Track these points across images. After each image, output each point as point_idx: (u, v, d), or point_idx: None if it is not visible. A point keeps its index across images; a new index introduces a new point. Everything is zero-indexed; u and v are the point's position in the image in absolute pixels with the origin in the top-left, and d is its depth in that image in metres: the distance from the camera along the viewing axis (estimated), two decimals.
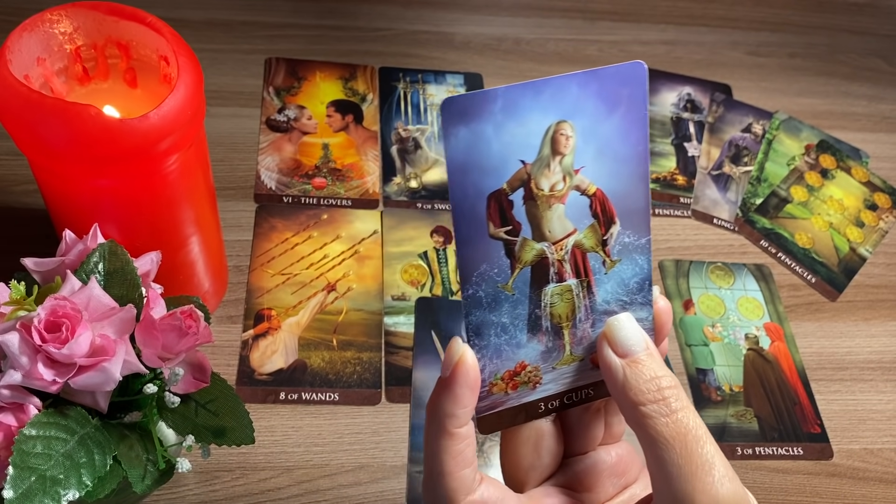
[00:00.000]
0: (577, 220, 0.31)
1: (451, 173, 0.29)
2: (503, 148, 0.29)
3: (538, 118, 0.29)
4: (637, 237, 0.32)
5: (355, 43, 0.79)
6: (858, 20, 0.94)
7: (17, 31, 0.44)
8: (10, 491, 0.34)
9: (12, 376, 0.36)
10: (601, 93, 0.29)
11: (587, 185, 0.31)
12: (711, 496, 0.28)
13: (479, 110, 0.28)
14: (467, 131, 0.28)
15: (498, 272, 0.31)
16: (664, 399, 0.30)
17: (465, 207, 0.29)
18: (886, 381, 0.64)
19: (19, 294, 0.38)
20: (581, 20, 0.87)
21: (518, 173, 0.29)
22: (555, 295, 0.32)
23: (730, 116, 0.80)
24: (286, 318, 0.59)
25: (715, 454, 0.29)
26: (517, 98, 0.28)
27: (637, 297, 0.33)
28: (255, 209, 0.65)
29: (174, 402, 0.40)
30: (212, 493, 0.51)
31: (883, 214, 0.75)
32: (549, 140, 0.29)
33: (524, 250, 0.31)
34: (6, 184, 0.63)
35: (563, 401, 0.34)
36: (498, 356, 0.32)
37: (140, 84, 0.49)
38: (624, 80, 0.29)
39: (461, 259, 0.30)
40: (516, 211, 0.30)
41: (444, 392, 0.30)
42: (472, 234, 0.30)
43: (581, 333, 0.32)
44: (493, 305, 0.31)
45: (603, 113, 0.29)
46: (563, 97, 0.29)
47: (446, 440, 0.30)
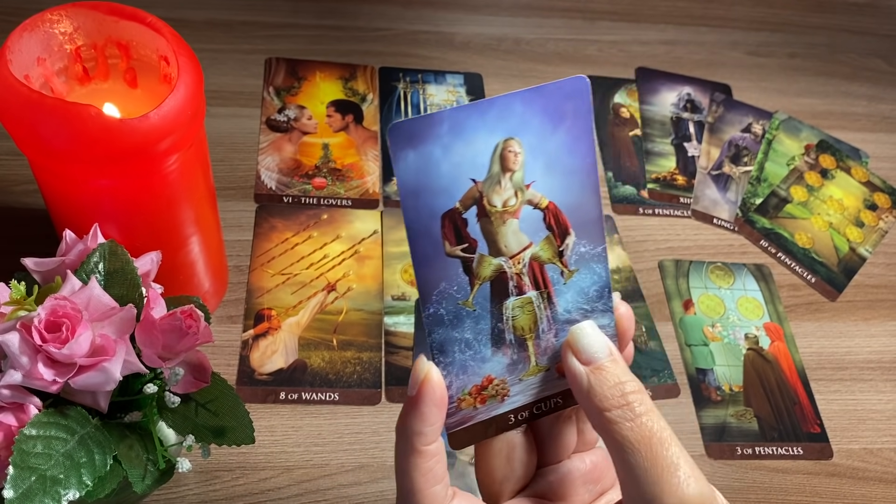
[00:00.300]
0: (532, 234, 0.32)
1: (404, 196, 0.29)
2: (453, 168, 0.29)
3: (485, 137, 0.29)
4: (593, 246, 0.32)
5: (355, 43, 0.79)
6: (858, 20, 0.94)
7: (17, 31, 0.44)
8: (11, 491, 0.34)
9: (12, 376, 0.36)
10: (546, 109, 0.30)
11: (539, 199, 0.31)
12: (678, 497, 0.28)
13: (426, 133, 0.28)
14: (416, 154, 0.29)
15: (457, 289, 0.31)
16: (628, 404, 0.30)
17: (420, 228, 0.30)
18: (886, 381, 0.64)
19: (19, 294, 0.38)
20: (581, 20, 0.87)
21: (470, 192, 0.30)
22: (516, 308, 0.32)
23: (730, 116, 0.80)
24: (286, 318, 0.59)
25: (680, 455, 0.29)
26: (463, 119, 0.29)
27: (598, 305, 0.33)
28: (255, 209, 0.65)
29: (174, 402, 0.40)
30: (212, 493, 0.51)
31: (883, 214, 0.75)
32: (498, 157, 0.30)
33: (482, 266, 0.31)
34: (6, 184, 0.63)
35: (532, 411, 0.34)
36: (464, 372, 0.32)
37: (140, 84, 0.49)
38: (567, 94, 0.30)
39: (420, 279, 0.30)
40: (471, 228, 0.30)
41: (412, 411, 0.31)
42: (429, 253, 0.30)
43: (545, 344, 0.33)
44: (455, 322, 0.31)
45: (549, 128, 0.30)
46: (509, 115, 0.29)
47: (415, 458, 0.31)
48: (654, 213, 0.72)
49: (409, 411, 0.31)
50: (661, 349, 0.63)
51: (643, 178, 0.74)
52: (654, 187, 0.73)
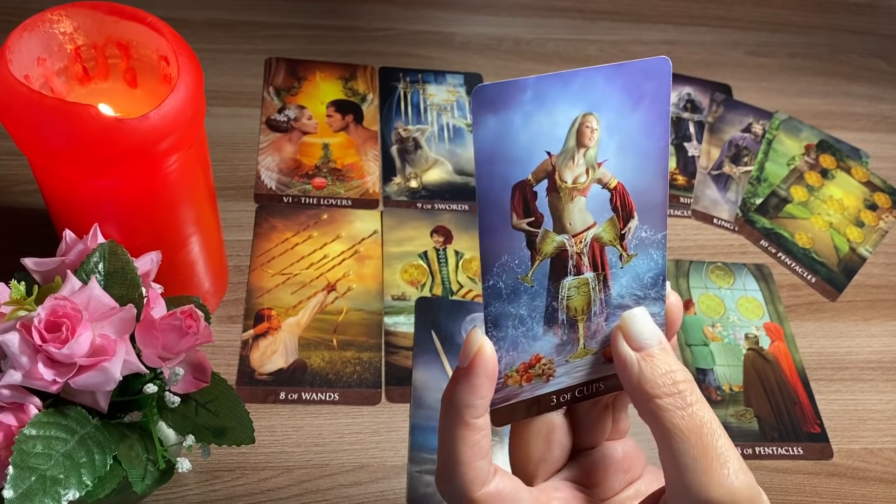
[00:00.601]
0: (598, 214, 0.31)
1: (479, 163, 0.29)
2: (530, 138, 0.29)
3: (565, 109, 0.29)
4: (654, 232, 0.32)
5: (355, 43, 0.79)
6: (858, 20, 0.94)
7: (17, 31, 0.44)
8: (11, 491, 0.34)
9: (12, 376, 0.36)
10: (626, 86, 0.29)
11: (609, 179, 0.31)
12: (726, 489, 0.28)
13: (510, 99, 0.28)
14: (496, 120, 0.28)
15: (518, 263, 0.31)
16: (680, 392, 0.30)
17: (491, 198, 0.29)
18: (886, 381, 0.64)
19: (19, 294, 0.38)
20: (581, 20, 0.87)
21: (543, 164, 0.30)
22: (572, 288, 0.32)
23: (730, 116, 0.80)
24: (286, 318, 0.59)
25: (729, 448, 0.29)
26: (546, 88, 0.28)
27: (651, 293, 0.33)
28: (255, 209, 0.65)
29: (174, 401, 0.40)
30: (212, 493, 0.51)
31: (883, 214, 0.75)
32: (575, 132, 0.29)
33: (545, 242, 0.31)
34: (6, 184, 0.63)
35: (574, 394, 0.34)
36: (514, 348, 0.32)
37: (140, 84, 0.49)
38: (649, 74, 0.29)
39: (484, 249, 0.30)
40: (539, 202, 0.30)
41: (463, 382, 0.30)
42: (496, 224, 0.30)
43: (595, 327, 0.33)
44: (512, 297, 0.31)
45: (627, 107, 0.30)
46: (591, 89, 0.29)
47: (463, 430, 0.31)
48: None
49: (460, 382, 0.30)
50: None
51: None
52: None
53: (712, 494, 0.28)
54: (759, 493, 0.29)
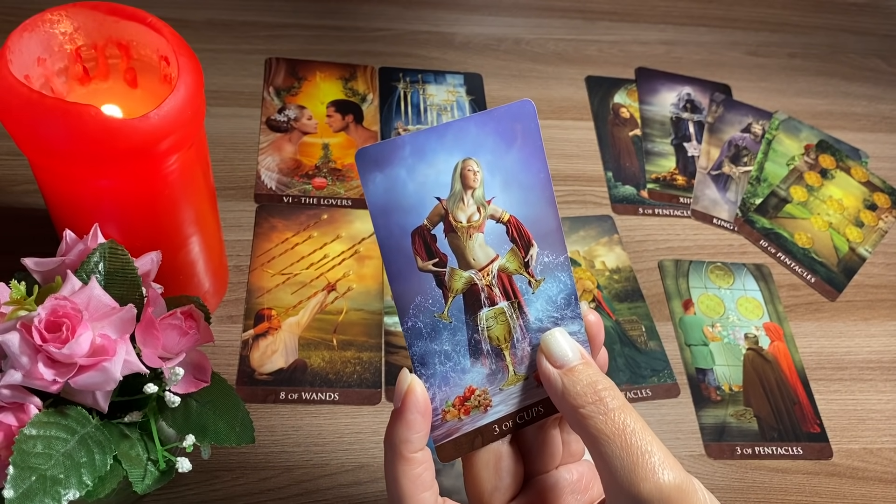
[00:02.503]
0: (498, 246, 0.33)
1: (375, 216, 0.31)
2: (418, 188, 0.31)
3: (445, 158, 0.31)
4: (555, 256, 0.34)
5: (355, 43, 0.79)
6: (858, 20, 0.94)
7: (17, 31, 0.44)
8: (11, 490, 0.34)
9: (12, 376, 0.36)
10: (497, 130, 0.32)
11: (500, 213, 0.33)
12: (654, 482, 0.29)
13: (391, 157, 0.31)
14: (383, 177, 0.31)
15: (433, 303, 0.33)
16: (601, 399, 0.31)
17: (392, 245, 0.32)
18: (886, 381, 0.64)
19: (19, 294, 0.38)
20: (581, 20, 0.87)
21: (436, 209, 0.32)
22: (489, 318, 0.34)
23: (729, 116, 0.80)
24: (286, 318, 0.59)
25: (653, 444, 0.30)
26: (423, 142, 0.31)
27: (566, 312, 0.35)
28: (255, 209, 0.65)
29: (174, 401, 0.40)
30: (212, 493, 0.51)
31: (882, 214, 0.75)
32: (459, 176, 0.32)
33: (453, 279, 0.33)
34: (6, 184, 0.63)
35: (515, 420, 0.35)
36: (446, 383, 0.34)
37: (140, 84, 0.49)
38: (515, 116, 0.32)
39: (396, 294, 0.32)
40: (440, 243, 0.32)
41: (398, 421, 0.32)
42: (403, 269, 0.32)
43: (521, 353, 0.34)
44: (433, 335, 0.33)
45: (502, 148, 0.32)
46: (464, 137, 0.31)
47: (403, 465, 0.32)
48: (654, 213, 0.72)
49: (395, 421, 0.32)
50: (660, 349, 0.63)
51: (643, 178, 0.74)
52: (653, 187, 0.74)
53: (641, 489, 0.29)
54: (689, 482, 0.30)
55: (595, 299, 0.65)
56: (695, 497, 0.30)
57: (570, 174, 0.73)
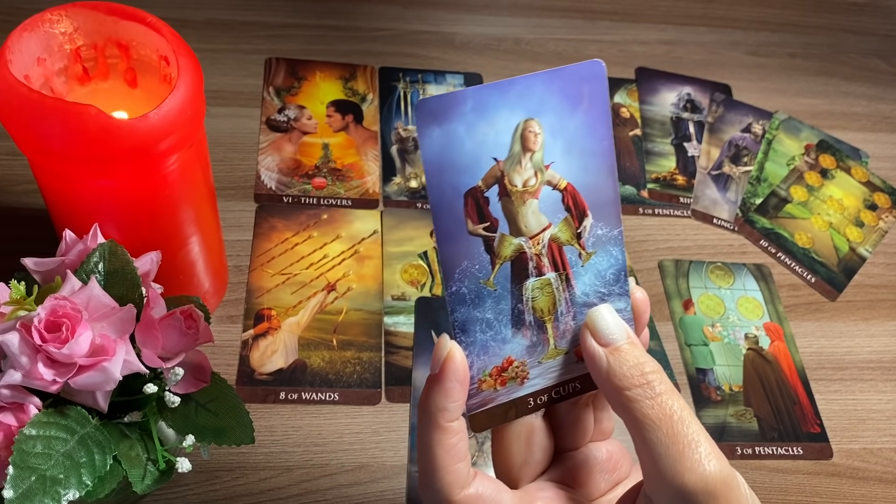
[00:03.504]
0: (552, 215, 0.32)
1: (428, 173, 0.29)
2: (476, 147, 0.30)
3: (507, 116, 0.30)
4: (609, 229, 0.33)
5: (355, 43, 0.79)
6: (858, 20, 0.94)
7: (17, 31, 0.44)
8: (11, 491, 0.34)
9: (12, 376, 0.36)
10: (564, 90, 0.30)
11: (558, 180, 0.32)
12: (699, 474, 0.29)
13: (451, 111, 0.29)
14: (441, 132, 0.29)
15: (479, 268, 0.31)
16: (648, 383, 0.30)
17: (444, 206, 0.30)
18: (886, 381, 0.64)
19: (19, 294, 0.38)
20: (581, 20, 0.87)
21: (492, 170, 0.30)
22: (535, 289, 0.32)
23: (730, 116, 0.80)
24: (286, 318, 0.59)
25: (700, 433, 0.29)
26: (486, 98, 0.29)
27: (614, 288, 0.33)
28: (255, 209, 0.65)
29: (174, 401, 0.40)
30: (212, 493, 0.51)
31: (882, 214, 0.75)
32: (519, 137, 0.30)
33: (503, 245, 0.32)
34: (6, 184, 0.63)
35: (551, 395, 0.34)
36: (485, 352, 0.32)
37: (140, 84, 0.49)
38: (584, 77, 0.30)
39: (443, 257, 0.31)
40: (492, 207, 0.31)
41: (435, 387, 0.31)
42: (452, 231, 0.31)
43: (564, 327, 0.33)
44: (476, 301, 0.32)
45: (567, 110, 0.30)
46: (529, 95, 0.30)
47: (439, 434, 0.31)
48: (654, 213, 0.72)
49: (433, 388, 0.31)
50: (661, 349, 0.63)
51: (643, 178, 0.74)
52: (654, 187, 0.74)
53: (686, 480, 0.29)
54: (732, 475, 0.30)
55: None
56: (738, 492, 0.29)
57: None
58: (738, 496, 0.29)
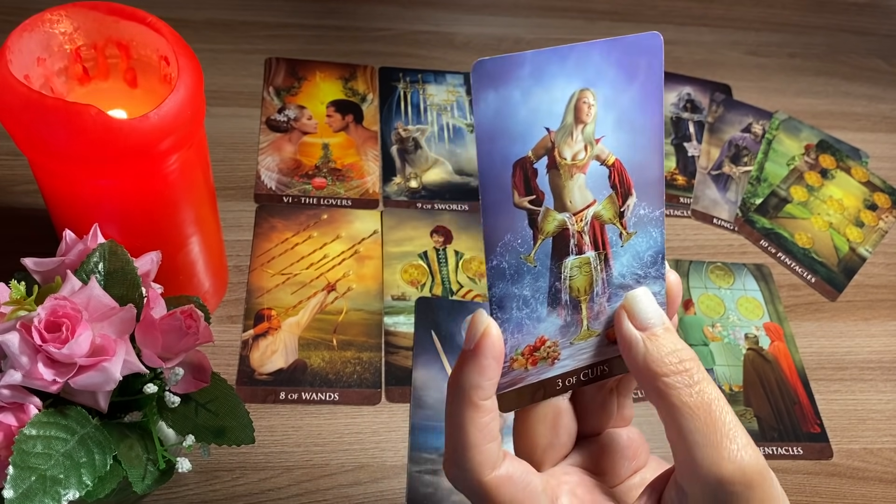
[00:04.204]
0: (597, 191, 0.31)
1: (480, 140, 0.28)
2: (530, 114, 0.28)
3: (563, 85, 0.29)
4: (651, 209, 0.32)
5: (355, 43, 0.79)
6: (858, 20, 0.94)
7: (17, 31, 0.44)
8: (11, 490, 0.34)
9: (12, 376, 0.36)
10: (621, 61, 0.29)
11: (607, 155, 0.31)
12: (737, 464, 0.28)
13: (508, 74, 0.28)
14: (496, 96, 0.28)
15: (521, 243, 0.30)
16: (687, 370, 0.30)
17: (492, 175, 0.29)
18: (886, 381, 0.64)
19: (19, 294, 0.38)
20: (581, 20, 0.87)
21: (543, 141, 0.29)
22: (574, 267, 0.32)
23: (730, 116, 0.80)
24: (286, 318, 0.59)
25: (737, 424, 0.29)
26: (544, 63, 0.28)
27: (651, 271, 0.33)
28: (255, 209, 0.65)
29: (174, 401, 0.40)
30: (212, 493, 0.51)
31: (883, 214, 0.75)
32: (573, 108, 0.29)
33: (546, 221, 0.31)
34: (6, 184, 0.63)
35: (580, 377, 0.33)
36: (519, 330, 0.32)
37: (140, 84, 0.49)
38: (642, 49, 0.29)
39: (487, 228, 0.30)
40: (540, 180, 0.30)
41: (470, 363, 0.30)
42: (498, 203, 0.29)
43: (598, 308, 0.32)
44: (515, 277, 0.31)
45: (623, 82, 0.29)
46: (587, 64, 0.29)
47: (473, 412, 0.30)
48: None
49: (468, 364, 0.30)
50: None
51: None
52: None
53: (724, 470, 0.28)
54: (766, 468, 0.29)
55: None
56: (772, 485, 0.29)
57: None
58: (773, 490, 0.29)
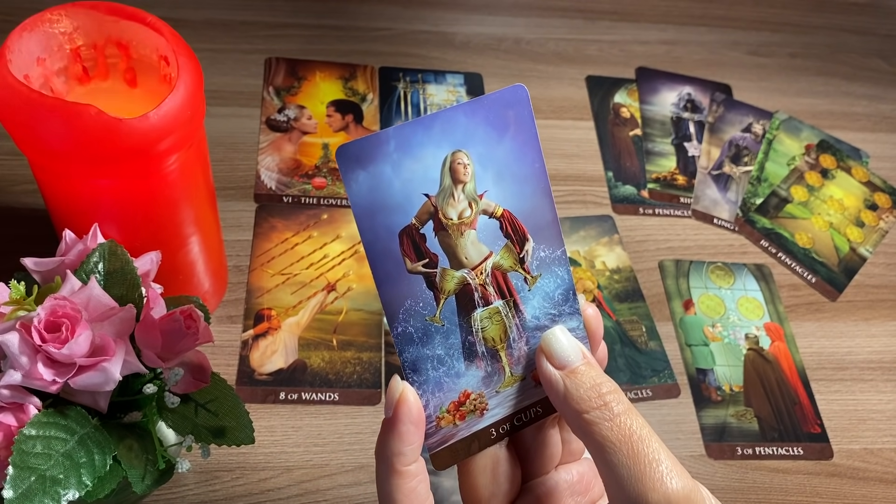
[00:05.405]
0: (492, 243, 0.32)
1: (359, 217, 0.29)
2: (404, 185, 0.29)
3: (433, 151, 0.29)
4: (552, 250, 0.32)
5: (355, 43, 0.79)
6: (858, 20, 0.94)
7: (16, 31, 0.44)
8: (10, 491, 0.34)
9: (12, 376, 0.36)
10: (489, 118, 0.30)
11: (494, 208, 0.31)
12: (661, 492, 0.28)
13: (375, 153, 0.28)
14: (366, 175, 0.29)
15: (423, 306, 0.31)
16: (606, 404, 0.30)
17: (379, 248, 0.30)
18: (886, 381, 0.64)
19: (19, 294, 0.38)
20: (581, 20, 0.87)
21: (424, 206, 0.30)
22: (484, 319, 0.32)
23: (730, 116, 0.80)
24: (286, 318, 0.59)
25: (660, 450, 0.29)
26: (409, 135, 0.29)
27: (565, 308, 0.33)
28: (255, 209, 0.65)
29: (174, 402, 0.40)
30: (212, 493, 0.51)
31: (883, 214, 0.75)
32: (448, 170, 0.30)
33: (445, 280, 0.31)
34: (6, 184, 0.63)
35: (513, 423, 0.34)
36: (439, 389, 0.32)
37: (140, 84, 0.49)
38: (507, 103, 0.30)
39: (384, 299, 0.30)
40: (430, 243, 0.31)
41: (390, 432, 0.30)
42: (391, 272, 0.30)
43: (518, 353, 0.33)
44: (424, 339, 0.31)
45: (494, 138, 0.30)
46: (453, 128, 0.29)
47: (397, 479, 0.31)
48: (655, 213, 0.72)
49: (387, 432, 0.31)
50: (661, 349, 0.63)
51: (643, 178, 0.74)
52: (654, 187, 0.73)
53: (650, 500, 0.28)
54: (696, 490, 0.29)
55: (595, 299, 0.65)
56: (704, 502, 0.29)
57: (571, 174, 0.73)
58: None
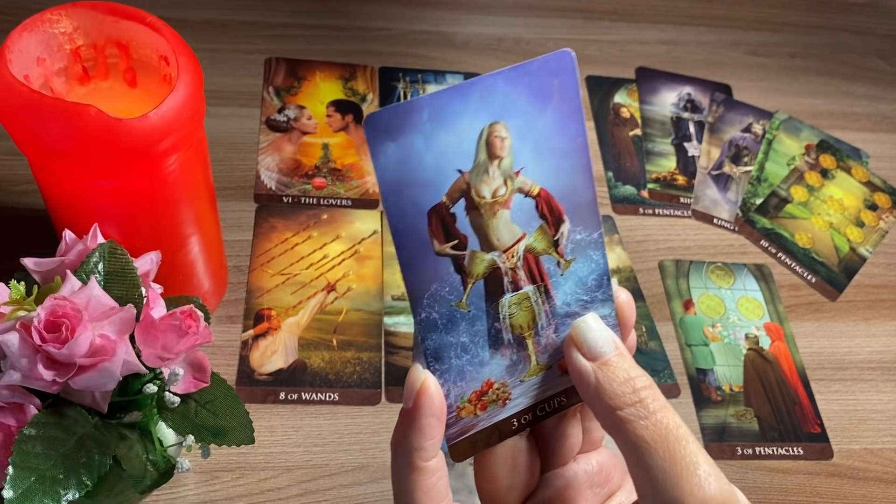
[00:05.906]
0: (525, 224, 0.29)
1: (385, 193, 0.26)
2: (437, 159, 0.27)
3: (469, 123, 0.27)
4: (588, 233, 0.30)
5: (355, 43, 0.79)
6: (858, 20, 0.94)
7: (16, 31, 0.44)
8: (10, 491, 0.34)
9: (12, 376, 0.36)
10: (531, 87, 0.28)
11: (530, 187, 0.29)
12: (699, 497, 0.27)
13: (406, 123, 0.26)
14: (396, 147, 0.26)
15: (450, 290, 0.29)
16: (641, 401, 0.28)
17: (406, 227, 0.27)
18: (886, 381, 0.64)
19: (19, 294, 0.38)
20: (581, 20, 0.87)
21: (456, 183, 0.28)
22: (512, 305, 0.30)
23: (730, 116, 0.80)
24: (286, 318, 0.59)
25: (698, 453, 0.28)
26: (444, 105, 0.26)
27: (597, 295, 0.31)
28: (255, 209, 0.65)
29: (174, 402, 0.40)
30: (212, 493, 0.51)
31: (883, 214, 0.75)
32: (484, 144, 0.27)
33: (474, 263, 0.29)
34: (6, 184, 0.63)
35: (535, 413, 0.32)
36: (462, 378, 0.30)
37: (140, 84, 0.49)
38: (552, 70, 0.28)
39: (409, 283, 0.28)
40: (460, 223, 0.28)
41: (409, 425, 0.29)
42: (417, 254, 0.28)
43: (545, 341, 0.31)
44: (449, 326, 0.29)
45: (536, 108, 0.28)
46: (492, 97, 0.27)
47: (417, 476, 0.29)
48: (655, 213, 0.72)
49: (407, 425, 0.29)
50: (661, 349, 0.63)
51: (643, 178, 0.74)
52: (654, 187, 0.73)
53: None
54: (733, 494, 0.28)
55: None
56: None
57: None
58: None
